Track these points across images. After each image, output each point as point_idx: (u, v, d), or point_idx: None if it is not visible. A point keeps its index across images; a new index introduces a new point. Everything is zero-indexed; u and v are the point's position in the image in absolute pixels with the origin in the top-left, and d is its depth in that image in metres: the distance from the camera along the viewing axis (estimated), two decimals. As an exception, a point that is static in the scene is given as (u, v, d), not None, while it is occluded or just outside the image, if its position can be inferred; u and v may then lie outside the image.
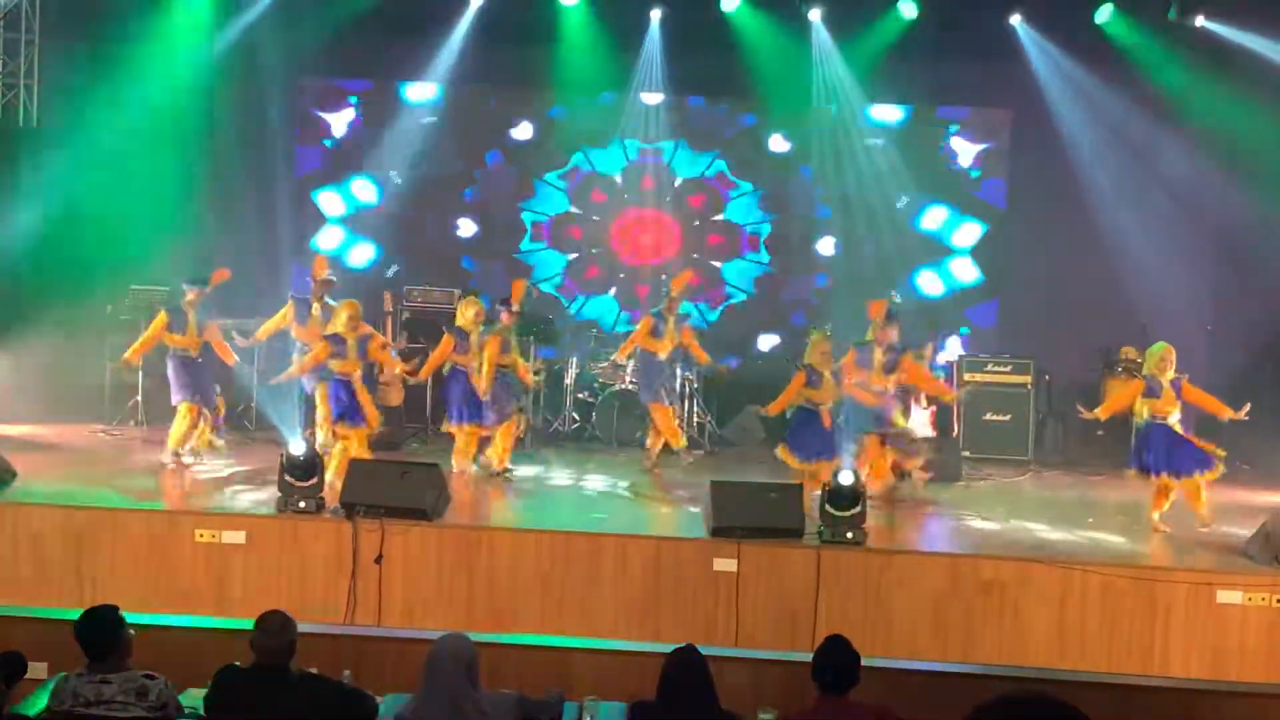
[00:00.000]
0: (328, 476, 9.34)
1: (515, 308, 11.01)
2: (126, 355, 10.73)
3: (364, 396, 10.31)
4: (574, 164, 14.97)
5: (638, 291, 14.85)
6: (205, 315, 10.66)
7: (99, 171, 12.38)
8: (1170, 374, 9.61)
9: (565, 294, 15.03)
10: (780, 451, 10.27)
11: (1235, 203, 13.45)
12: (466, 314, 10.75)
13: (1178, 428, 9.63)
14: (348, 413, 10.18)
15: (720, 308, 15.02)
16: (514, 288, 11.18)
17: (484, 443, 10.88)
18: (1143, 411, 9.63)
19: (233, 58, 13.27)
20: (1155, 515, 9.68)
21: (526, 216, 15.04)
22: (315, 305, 11.03)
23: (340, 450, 10.03)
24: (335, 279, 11.34)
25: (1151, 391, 9.60)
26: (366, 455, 9.93)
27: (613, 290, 15.03)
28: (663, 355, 11.44)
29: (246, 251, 12.95)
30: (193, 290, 10.63)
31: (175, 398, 10.60)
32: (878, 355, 10.34)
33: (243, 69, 13.31)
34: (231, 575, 8.47)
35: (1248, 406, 9.60)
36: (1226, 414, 9.61)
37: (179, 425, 10.57)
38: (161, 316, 10.63)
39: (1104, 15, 13.26)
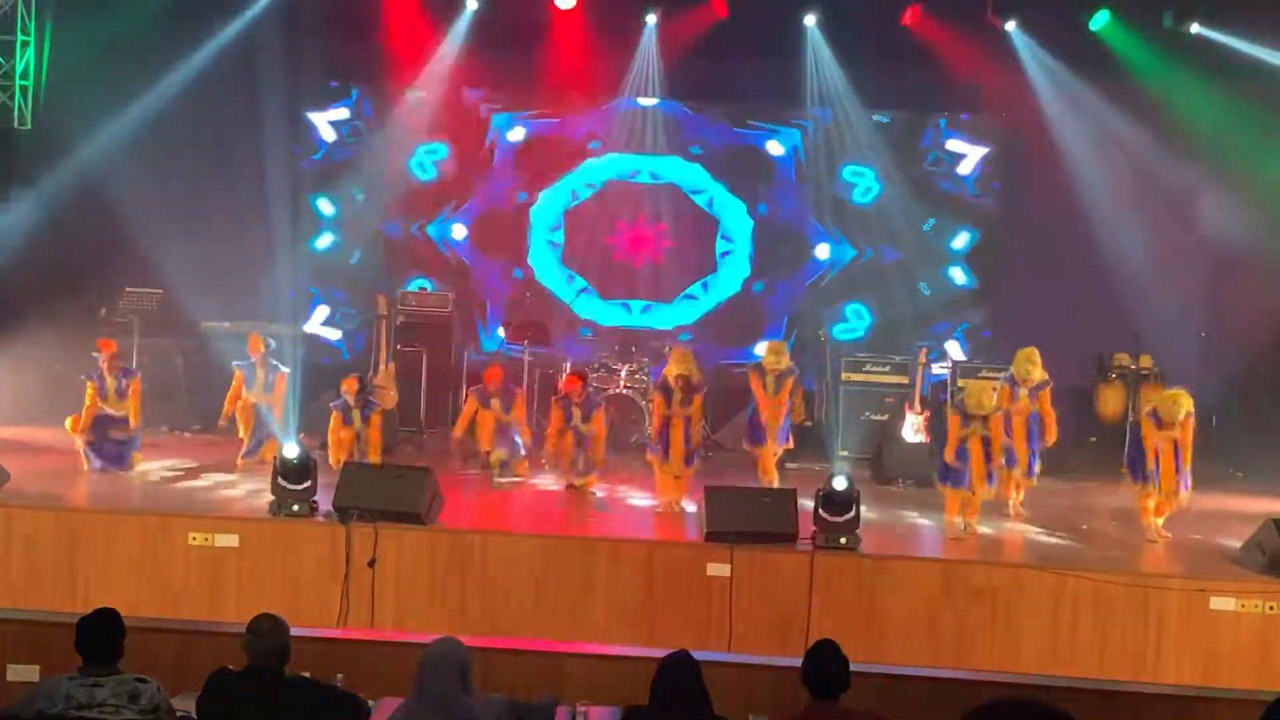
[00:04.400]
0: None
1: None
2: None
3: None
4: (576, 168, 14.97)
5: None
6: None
7: (94, 173, 12.36)
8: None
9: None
10: None
11: (1229, 209, 13.45)
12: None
13: None
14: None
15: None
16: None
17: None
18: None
19: (231, 58, 13.23)
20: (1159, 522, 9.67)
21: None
22: (260, 372, 10.83)
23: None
24: (273, 343, 11.12)
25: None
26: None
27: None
28: None
29: (243, 254, 12.95)
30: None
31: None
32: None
33: (241, 70, 13.27)
34: (224, 578, 8.45)
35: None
36: None
37: None
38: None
39: (1099, 22, 13.31)
